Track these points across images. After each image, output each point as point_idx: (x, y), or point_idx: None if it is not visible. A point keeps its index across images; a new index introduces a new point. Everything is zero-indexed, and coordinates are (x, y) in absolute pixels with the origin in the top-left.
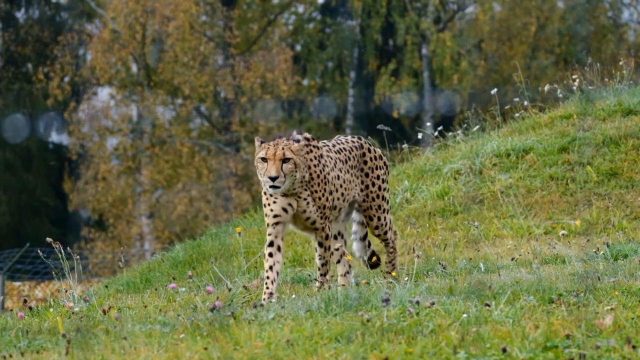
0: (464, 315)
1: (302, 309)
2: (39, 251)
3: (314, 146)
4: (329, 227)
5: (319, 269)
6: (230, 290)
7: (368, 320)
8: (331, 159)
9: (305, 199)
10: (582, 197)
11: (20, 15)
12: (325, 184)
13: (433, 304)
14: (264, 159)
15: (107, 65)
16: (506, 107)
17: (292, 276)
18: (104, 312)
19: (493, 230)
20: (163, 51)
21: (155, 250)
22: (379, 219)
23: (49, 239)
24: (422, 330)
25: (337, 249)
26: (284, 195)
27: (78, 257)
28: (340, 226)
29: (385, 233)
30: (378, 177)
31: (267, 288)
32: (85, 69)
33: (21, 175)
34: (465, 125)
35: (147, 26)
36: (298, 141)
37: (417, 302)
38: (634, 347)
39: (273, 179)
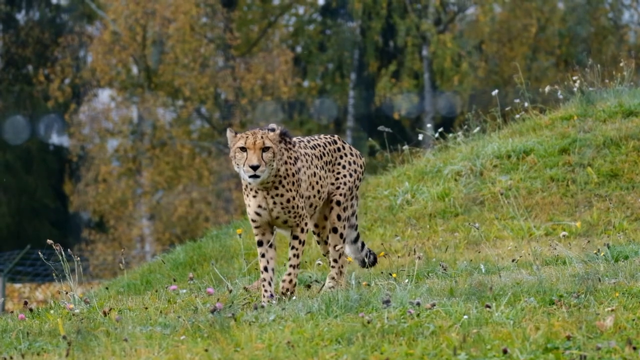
0: (465, 316)
1: (303, 310)
2: (39, 253)
3: (288, 142)
4: (305, 223)
5: (289, 260)
6: (231, 291)
7: (369, 322)
8: (307, 155)
9: (273, 198)
10: (583, 198)
11: (20, 17)
12: (299, 181)
13: (434, 305)
14: (243, 149)
15: (107, 67)
16: (507, 109)
17: None
18: (105, 313)
19: (494, 232)
20: (163, 53)
21: (155, 252)
22: (344, 209)
23: (49, 241)
24: (423, 331)
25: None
26: (256, 194)
27: (78, 258)
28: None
29: (343, 227)
30: (355, 171)
31: (266, 291)
32: (86, 71)
33: (21, 177)
34: (465, 126)
35: (148, 28)
36: (273, 130)
37: (418, 304)
38: (634, 348)
39: (254, 167)
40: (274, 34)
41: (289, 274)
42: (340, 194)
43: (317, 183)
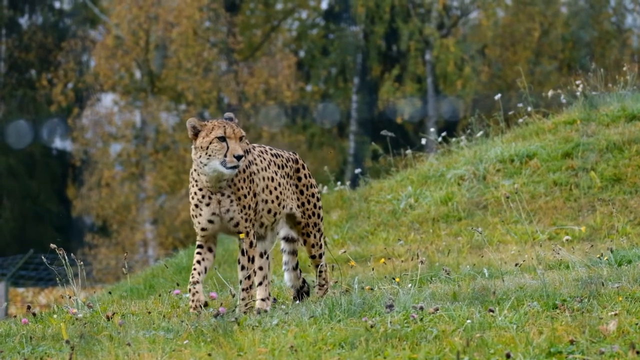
0: (468, 321)
1: (306, 314)
2: (42, 257)
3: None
4: (254, 235)
5: (240, 283)
6: (234, 296)
7: (372, 326)
8: (264, 158)
9: (229, 197)
10: (586, 202)
11: (23, 21)
12: (252, 182)
13: (437, 309)
14: (222, 139)
15: (110, 71)
16: (510, 113)
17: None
18: (108, 318)
19: (497, 236)
20: (166, 57)
21: (159, 256)
22: (315, 236)
23: (52, 245)
24: (426, 336)
25: (260, 269)
26: (210, 201)
27: (82, 263)
28: (267, 246)
29: (321, 256)
30: (313, 195)
31: (192, 301)
32: (89, 75)
33: (25, 181)
34: (468, 131)
35: (151, 32)
36: (232, 119)
37: (421, 308)
38: (638, 352)
39: (239, 157)
40: (277, 38)
41: (243, 299)
42: (308, 224)
43: (275, 189)
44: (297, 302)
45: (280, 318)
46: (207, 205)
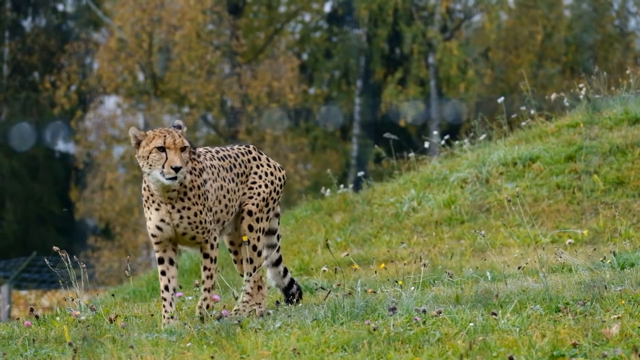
0: (471, 324)
1: (309, 317)
2: (45, 260)
3: (192, 153)
4: (214, 237)
5: (203, 282)
6: (236, 298)
7: (375, 329)
8: (214, 167)
9: (179, 211)
10: (589, 205)
11: (26, 24)
12: (205, 194)
13: (440, 312)
14: (162, 149)
15: (113, 74)
16: (513, 116)
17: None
18: (111, 320)
19: (500, 239)
20: (170, 60)
21: None
22: (258, 220)
23: (55, 248)
24: (429, 339)
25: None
26: (159, 207)
27: (84, 265)
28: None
29: (257, 239)
30: (272, 183)
31: (166, 311)
32: (92, 78)
33: (28, 184)
34: (471, 134)
35: (154, 35)
36: (180, 127)
37: (424, 311)
38: None
39: (177, 169)
40: (280, 41)
41: (205, 299)
42: (253, 204)
43: (224, 197)
44: (288, 305)
45: (283, 321)
46: (157, 210)
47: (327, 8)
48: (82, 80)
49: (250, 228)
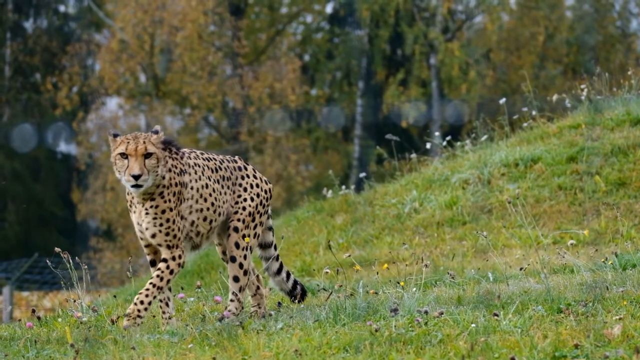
0: (473, 325)
1: (311, 318)
2: (47, 261)
3: (175, 152)
4: (180, 250)
5: (147, 289)
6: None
7: (376, 330)
8: (198, 166)
9: (147, 210)
10: (591, 206)
11: (28, 25)
12: (180, 195)
13: (441, 313)
14: (124, 155)
15: (115, 75)
16: (514, 117)
17: None
18: (113, 322)
19: (501, 240)
20: (171, 61)
21: None
22: (244, 237)
23: (57, 249)
24: (431, 340)
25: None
26: (136, 209)
27: (86, 267)
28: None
29: (243, 257)
30: (258, 195)
31: (164, 312)
32: (94, 79)
33: (29, 185)
34: (473, 135)
35: (156, 36)
36: (157, 132)
37: (426, 312)
38: None
39: (136, 177)
40: (282, 42)
41: (140, 293)
42: (239, 220)
43: (210, 195)
44: (296, 300)
45: (285, 322)
46: (134, 213)
47: (329, 9)
48: (83, 81)
49: (237, 245)
